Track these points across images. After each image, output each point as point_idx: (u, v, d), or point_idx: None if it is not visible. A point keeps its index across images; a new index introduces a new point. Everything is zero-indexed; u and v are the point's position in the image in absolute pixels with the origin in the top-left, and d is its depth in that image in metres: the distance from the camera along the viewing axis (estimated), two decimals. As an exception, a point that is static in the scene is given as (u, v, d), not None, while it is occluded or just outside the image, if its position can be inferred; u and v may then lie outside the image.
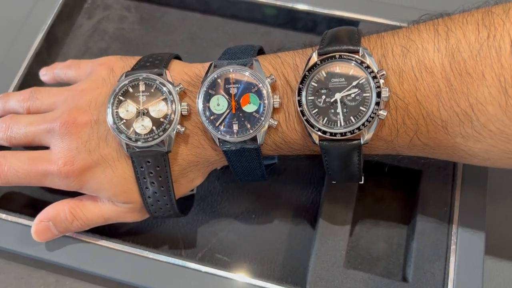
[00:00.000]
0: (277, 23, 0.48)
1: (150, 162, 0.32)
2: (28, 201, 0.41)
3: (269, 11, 0.46)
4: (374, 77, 0.28)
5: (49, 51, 0.46)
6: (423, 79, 0.28)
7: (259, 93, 0.30)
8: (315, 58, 0.29)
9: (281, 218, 0.40)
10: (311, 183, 0.41)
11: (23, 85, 0.43)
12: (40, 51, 0.45)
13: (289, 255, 0.38)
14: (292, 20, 0.47)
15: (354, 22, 0.44)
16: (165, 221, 0.40)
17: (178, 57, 0.36)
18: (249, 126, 0.30)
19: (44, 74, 0.41)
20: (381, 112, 0.28)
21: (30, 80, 0.43)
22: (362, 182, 0.32)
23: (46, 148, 0.35)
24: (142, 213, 0.36)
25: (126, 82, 0.32)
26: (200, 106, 0.31)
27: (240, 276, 0.35)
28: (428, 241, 0.36)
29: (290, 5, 0.45)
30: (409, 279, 0.35)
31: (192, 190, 0.39)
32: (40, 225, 0.35)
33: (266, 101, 0.30)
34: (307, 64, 0.29)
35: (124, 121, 0.31)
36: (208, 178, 0.41)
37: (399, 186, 0.40)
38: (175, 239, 0.39)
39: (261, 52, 0.34)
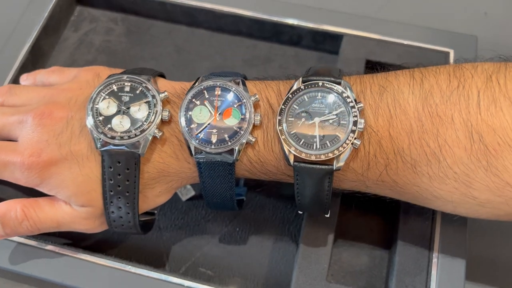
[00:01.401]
0: (262, 36, 0.48)
1: (121, 163, 0.31)
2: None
3: None
4: (352, 107, 0.30)
5: (34, 64, 0.46)
6: (397, 116, 0.30)
7: (241, 108, 0.31)
8: (298, 84, 0.31)
9: (264, 232, 0.40)
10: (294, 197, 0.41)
11: None
12: (25, 64, 0.45)
13: (273, 269, 0.39)
14: (277, 34, 0.47)
15: (338, 36, 0.45)
16: (149, 235, 0.40)
17: (162, 76, 0.36)
18: (227, 138, 0.31)
19: (25, 79, 0.40)
20: (355, 141, 0.29)
21: (14, 93, 0.43)
22: (328, 216, 0.33)
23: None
24: (99, 222, 0.34)
25: (112, 81, 0.32)
26: (182, 113, 0.31)
27: (223, 290, 0.35)
28: (410, 255, 0.36)
29: (275, 18, 0.46)
30: (391, 292, 0.35)
31: (153, 215, 0.38)
32: None
33: (247, 116, 0.31)
34: (291, 88, 0.31)
35: (103, 117, 0.31)
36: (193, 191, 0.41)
37: (381, 200, 0.40)
38: (158, 253, 0.39)
39: (245, 78, 0.35)
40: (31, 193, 0.35)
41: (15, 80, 0.44)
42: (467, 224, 0.36)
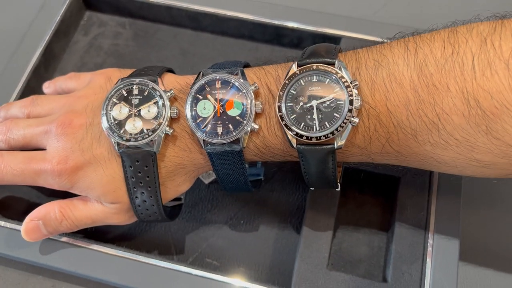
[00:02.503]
0: (264, 39, 0.50)
1: (139, 161, 0.33)
2: (26, 208, 0.42)
3: None
4: (348, 87, 0.30)
5: (46, 66, 0.48)
6: (393, 90, 0.30)
7: (242, 98, 0.32)
8: (294, 68, 0.32)
9: (268, 224, 0.42)
10: (296, 191, 0.43)
11: (22, 99, 0.45)
12: (38, 66, 0.47)
13: (276, 259, 0.40)
14: (278, 37, 0.49)
15: (336, 38, 0.47)
16: (157, 227, 0.42)
17: (171, 71, 0.38)
18: (232, 128, 0.32)
19: (47, 87, 0.43)
20: (353, 119, 0.30)
21: (28, 93, 0.45)
22: (339, 190, 0.35)
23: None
24: (129, 215, 0.37)
25: (121, 86, 0.34)
26: (188, 108, 0.33)
27: (229, 279, 0.37)
28: (406, 244, 0.38)
29: (276, 22, 0.48)
30: (388, 279, 0.37)
31: (180, 200, 0.41)
32: (30, 224, 0.36)
33: (248, 106, 0.32)
34: (287, 74, 0.32)
35: (117, 121, 0.33)
36: (198, 186, 0.43)
37: (379, 192, 0.42)
38: (167, 244, 0.41)
39: (247, 66, 0.36)
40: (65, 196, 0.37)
41: (29, 81, 0.46)
42: (460, 215, 0.38)
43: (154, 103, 0.34)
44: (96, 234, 0.40)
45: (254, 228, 0.42)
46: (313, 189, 0.38)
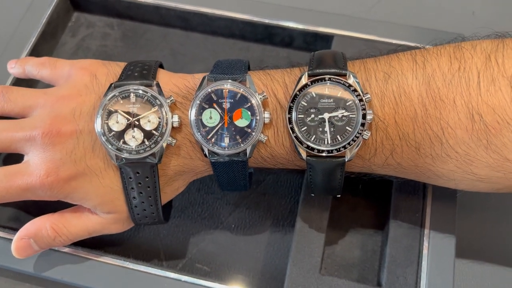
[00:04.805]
0: (255, 38, 0.49)
1: (140, 173, 0.32)
2: (12, 214, 0.41)
3: None
4: (361, 100, 0.30)
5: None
6: (402, 103, 0.30)
7: (251, 109, 0.31)
8: (305, 79, 0.31)
9: (259, 228, 0.41)
10: (289, 194, 0.42)
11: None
12: (24, 69, 0.46)
13: (268, 263, 0.39)
14: (269, 36, 0.49)
15: (328, 36, 0.46)
16: (146, 233, 0.41)
17: (161, 65, 0.36)
18: (240, 140, 0.31)
19: (13, 67, 0.39)
20: (365, 132, 0.30)
21: (14, 97, 0.44)
22: (339, 196, 0.34)
23: (20, 155, 0.34)
24: (127, 223, 0.36)
25: (117, 93, 0.32)
26: (193, 118, 0.31)
27: (221, 285, 0.36)
28: (401, 247, 0.37)
29: (267, 21, 0.47)
30: (383, 284, 0.36)
31: (171, 201, 0.40)
32: (21, 242, 0.34)
33: (258, 117, 0.31)
34: (297, 84, 0.31)
35: (114, 132, 0.31)
36: (188, 190, 0.42)
37: (373, 195, 0.42)
38: (156, 250, 0.40)
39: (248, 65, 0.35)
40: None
41: (15, 84, 0.45)
42: (456, 217, 0.37)
43: (154, 112, 0.32)
44: (83, 240, 0.39)
45: (246, 233, 0.41)
46: (313, 195, 0.37)
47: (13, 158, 0.43)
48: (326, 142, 0.31)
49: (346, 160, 0.31)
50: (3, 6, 0.52)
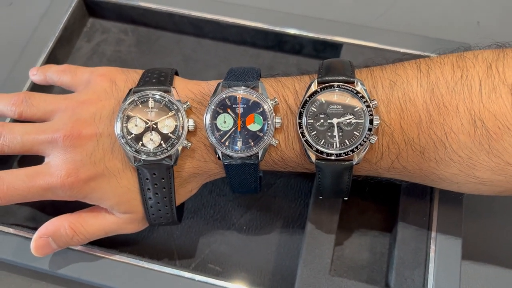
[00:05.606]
0: (265, 45, 0.50)
1: (156, 174, 0.34)
2: (29, 214, 0.42)
3: None
4: (368, 106, 0.31)
5: (50, 73, 0.48)
6: (407, 109, 0.31)
7: (263, 114, 0.33)
8: (314, 86, 0.33)
9: (270, 230, 0.42)
10: (299, 197, 0.43)
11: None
12: (41, 73, 0.47)
13: (278, 264, 0.40)
14: (279, 43, 0.50)
15: (338, 44, 0.47)
16: (160, 233, 0.42)
17: (176, 72, 0.38)
18: (252, 143, 0.33)
19: (35, 74, 0.41)
20: (372, 137, 0.31)
21: (31, 100, 0.46)
22: (347, 199, 0.35)
23: (41, 157, 0.36)
24: (142, 223, 0.37)
25: (136, 98, 0.33)
26: (208, 122, 0.33)
27: (232, 284, 0.37)
28: (409, 249, 0.38)
29: (277, 28, 0.48)
30: (391, 285, 0.37)
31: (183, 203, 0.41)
32: (40, 241, 0.35)
33: (269, 122, 0.33)
34: (307, 91, 0.33)
35: (133, 135, 0.33)
36: (201, 193, 0.43)
37: (381, 198, 0.43)
38: (169, 250, 0.41)
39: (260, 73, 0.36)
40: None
41: (33, 88, 0.46)
42: (462, 220, 0.38)
43: (172, 116, 0.33)
44: (99, 239, 0.40)
45: (257, 234, 0.42)
46: (321, 197, 0.38)
47: (27, 160, 0.44)
48: (334, 146, 0.32)
49: (354, 164, 0.32)
50: (21, 12, 0.53)
